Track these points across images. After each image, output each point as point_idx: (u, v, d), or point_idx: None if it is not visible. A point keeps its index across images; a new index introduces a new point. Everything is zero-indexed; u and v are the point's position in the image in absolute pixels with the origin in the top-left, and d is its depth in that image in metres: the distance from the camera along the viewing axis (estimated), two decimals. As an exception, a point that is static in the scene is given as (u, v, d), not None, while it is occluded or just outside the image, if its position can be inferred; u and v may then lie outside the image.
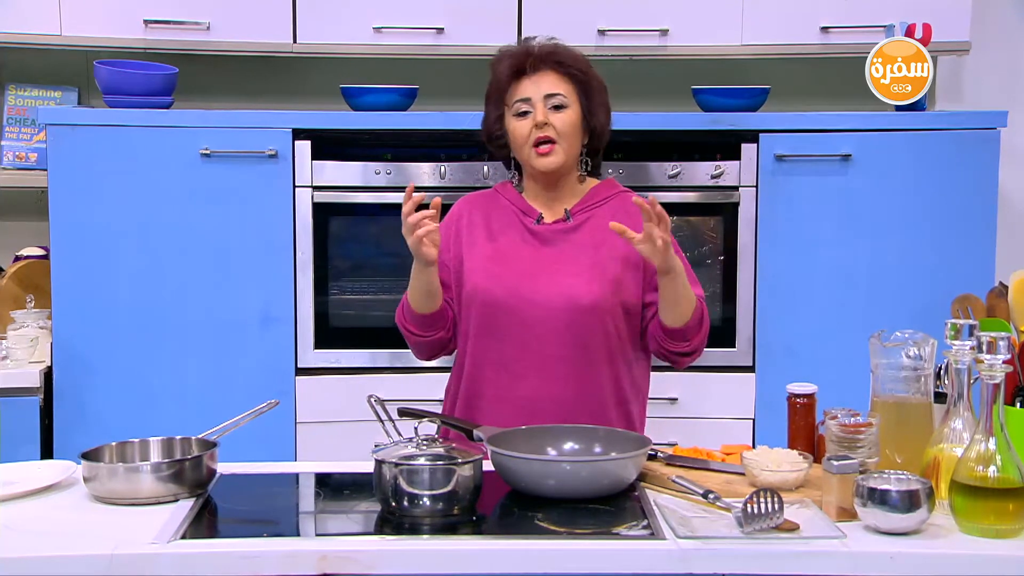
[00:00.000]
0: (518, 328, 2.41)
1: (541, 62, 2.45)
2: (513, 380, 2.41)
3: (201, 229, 3.33)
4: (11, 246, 3.69)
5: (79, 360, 3.31)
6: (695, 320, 2.38)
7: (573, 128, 2.44)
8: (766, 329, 3.44)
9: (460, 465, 1.95)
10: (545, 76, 2.45)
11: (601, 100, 2.51)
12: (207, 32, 3.47)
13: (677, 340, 2.40)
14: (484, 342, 2.44)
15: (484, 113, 2.55)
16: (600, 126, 2.50)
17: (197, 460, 2.05)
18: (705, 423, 3.44)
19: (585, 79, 2.48)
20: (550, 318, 2.39)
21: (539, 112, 2.41)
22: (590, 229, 2.47)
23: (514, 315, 2.41)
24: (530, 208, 2.51)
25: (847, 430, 1.98)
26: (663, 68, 3.73)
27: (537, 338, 2.40)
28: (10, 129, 3.72)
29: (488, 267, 2.44)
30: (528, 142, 2.43)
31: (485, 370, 2.44)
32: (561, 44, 2.52)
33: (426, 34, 3.51)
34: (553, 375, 2.40)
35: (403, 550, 1.81)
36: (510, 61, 2.47)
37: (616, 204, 2.50)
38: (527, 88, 2.44)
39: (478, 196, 2.61)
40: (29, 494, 2.04)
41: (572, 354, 2.40)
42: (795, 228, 3.41)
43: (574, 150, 2.47)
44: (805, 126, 3.40)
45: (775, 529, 1.80)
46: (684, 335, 2.39)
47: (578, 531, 1.86)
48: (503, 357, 2.42)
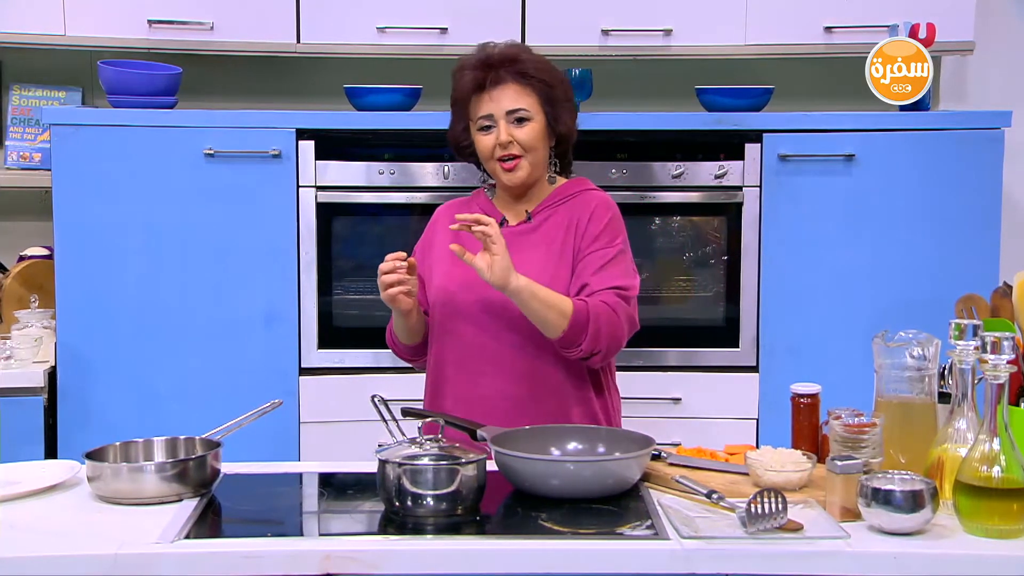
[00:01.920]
0: (474, 329, 2.42)
1: (502, 73, 2.42)
2: (471, 379, 2.42)
3: (205, 229, 3.33)
4: (15, 246, 3.69)
5: (83, 360, 3.31)
6: (575, 326, 2.31)
7: (538, 140, 2.44)
8: (770, 329, 3.44)
9: (464, 465, 1.95)
10: (506, 90, 2.42)
11: (565, 104, 2.49)
12: (211, 32, 3.47)
13: (566, 348, 2.36)
14: (444, 343, 2.46)
15: (450, 121, 2.54)
16: (566, 129, 2.50)
17: (201, 460, 2.05)
18: (709, 423, 3.44)
19: (548, 87, 2.45)
20: (503, 318, 2.39)
21: (502, 131, 2.40)
22: (548, 228, 2.47)
23: (470, 316, 2.42)
24: (495, 213, 2.51)
25: (851, 430, 1.97)
26: (667, 68, 3.73)
27: (493, 338, 2.41)
28: (14, 129, 3.72)
29: (449, 270, 2.46)
30: (493, 157, 2.43)
31: (446, 370, 2.46)
32: (523, 49, 2.49)
33: (430, 34, 3.51)
34: (510, 374, 2.40)
35: (407, 550, 1.81)
36: (471, 75, 2.44)
37: (576, 202, 2.49)
38: (488, 105, 2.42)
39: (455, 203, 2.62)
40: (33, 494, 2.04)
41: (527, 353, 2.40)
42: (799, 228, 3.41)
43: (540, 159, 2.47)
44: (809, 126, 3.40)
45: (779, 529, 1.80)
46: (568, 343, 2.34)
47: (582, 531, 1.86)
48: (461, 357, 2.43)
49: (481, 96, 2.43)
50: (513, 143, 2.41)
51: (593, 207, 2.46)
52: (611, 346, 2.37)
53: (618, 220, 2.49)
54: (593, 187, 2.57)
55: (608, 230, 2.44)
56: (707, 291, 3.50)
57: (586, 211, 2.46)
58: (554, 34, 3.54)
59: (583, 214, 2.45)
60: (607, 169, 3.43)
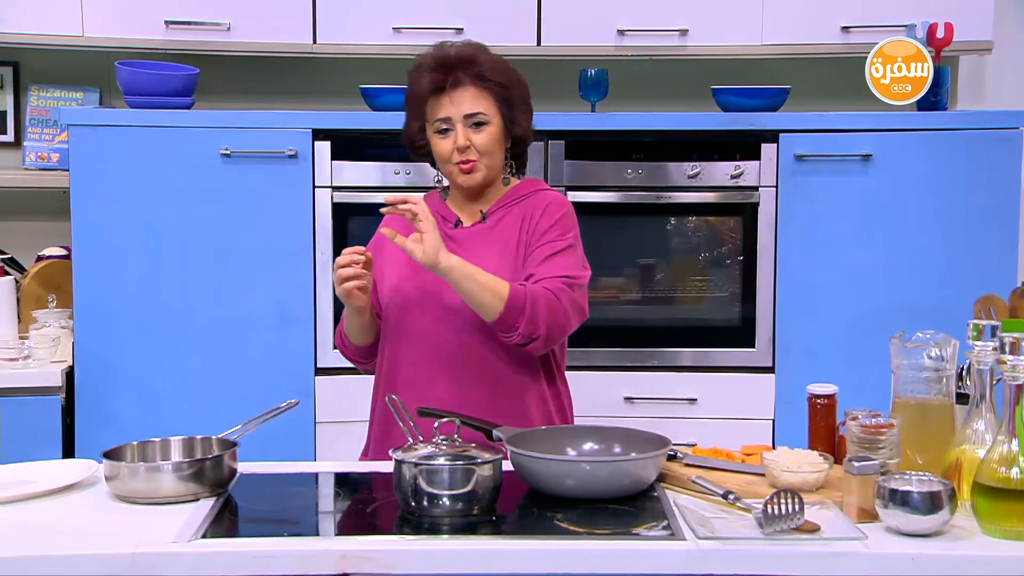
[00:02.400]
0: (429, 329, 2.40)
1: (461, 75, 2.40)
2: (427, 380, 2.40)
3: (221, 229, 3.34)
4: (33, 246, 3.71)
5: (100, 359, 3.33)
6: (511, 308, 2.29)
7: (495, 144, 2.43)
8: (786, 329, 3.43)
9: (480, 465, 1.95)
10: (464, 93, 2.40)
11: (523, 107, 2.48)
12: (227, 33, 3.48)
13: (504, 332, 2.33)
14: (399, 346, 2.44)
15: (405, 119, 2.51)
16: (522, 131, 2.48)
17: (218, 460, 2.06)
18: (724, 424, 3.44)
19: (505, 90, 2.44)
20: (459, 318, 2.38)
21: (460, 135, 2.39)
22: (502, 228, 2.46)
23: (425, 317, 2.40)
24: (450, 213, 2.50)
25: (868, 431, 1.97)
26: (682, 68, 3.73)
27: (448, 339, 2.39)
28: (32, 130, 3.74)
29: (401, 271, 2.44)
30: (450, 160, 2.42)
31: (400, 371, 2.43)
32: (481, 50, 2.46)
33: (445, 34, 3.50)
34: (465, 374, 2.38)
35: (423, 550, 1.81)
36: (429, 76, 2.42)
37: (530, 201, 2.48)
38: (446, 107, 2.40)
39: None
40: (51, 493, 2.05)
41: (485, 354, 2.39)
42: (815, 228, 3.40)
43: (497, 162, 2.46)
44: (825, 126, 3.39)
45: (795, 530, 1.79)
46: (505, 325, 2.31)
47: (597, 531, 1.86)
48: (416, 359, 2.41)
49: (440, 99, 2.41)
50: (471, 148, 2.40)
51: (546, 204, 2.45)
52: (551, 331, 2.33)
53: (571, 217, 2.48)
54: (547, 187, 2.56)
55: (559, 225, 2.43)
56: (723, 291, 3.50)
57: (539, 208, 2.45)
58: (570, 34, 3.54)
59: (535, 211, 2.45)
60: (623, 169, 3.42)
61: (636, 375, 3.47)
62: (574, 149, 3.43)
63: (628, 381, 3.46)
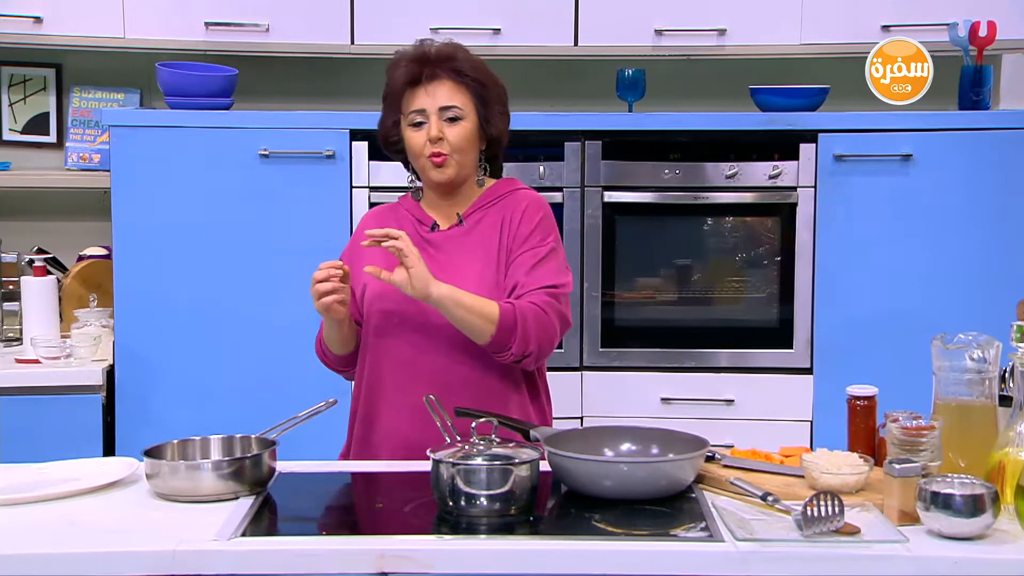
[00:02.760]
0: (412, 333, 2.39)
1: (438, 70, 2.39)
2: (409, 388, 2.38)
3: (259, 229, 3.36)
4: (75, 246, 3.75)
5: (140, 358, 3.36)
6: (502, 329, 2.29)
7: (468, 141, 2.41)
8: (824, 330, 3.41)
9: (517, 465, 1.94)
10: (441, 86, 2.39)
11: (499, 107, 2.46)
12: (266, 34, 3.50)
13: (497, 353, 2.33)
14: (381, 351, 2.42)
15: (380, 114, 2.50)
16: (497, 133, 2.46)
17: (257, 458, 2.07)
18: (762, 425, 3.42)
19: (482, 88, 2.42)
20: (444, 323, 2.35)
21: (433, 127, 2.38)
22: (481, 230, 2.44)
23: (407, 321, 2.39)
24: (425, 216, 2.48)
25: (909, 433, 1.95)
26: (720, 68, 3.71)
27: (432, 345, 2.38)
28: (74, 130, 3.78)
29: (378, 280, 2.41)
30: (423, 153, 2.40)
31: (383, 379, 2.42)
32: (460, 48, 2.46)
33: (482, 35, 3.52)
34: (449, 381, 2.36)
35: (460, 550, 1.82)
36: (406, 68, 2.41)
37: (507, 202, 2.47)
38: (422, 99, 2.39)
39: (379, 210, 2.59)
40: (93, 491, 2.07)
41: (468, 358, 2.37)
42: (854, 228, 3.38)
43: (470, 160, 2.44)
44: (865, 126, 3.37)
45: (835, 532, 1.78)
46: (498, 346, 2.31)
47: (635, 532, 1.86)
48: (400, 363, 2.40)
49: (416, 90, 2.40)
50: (444, 141, 2.38)
51: (524, 206, 2.43)
52: (543, 347, 2.35)
53: (550, 219, 2.47)
54: (523, 187, 2.54)
55: (539, 229, 2.42)
56: (760, 292, 3.48)
57: (517, 210, 2.43)
58: (607, 34, 3.53)
59: (514, 213, 2.43)
60: (660, 169, 3.42)
61: (673, 376, 3.46)
62: (611, 149, 3.42)
63: (665, 382, 3.45)
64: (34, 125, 3.82)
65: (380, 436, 2.40)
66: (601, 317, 3.45)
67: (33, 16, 3.44)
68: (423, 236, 2.45)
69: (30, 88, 3.81)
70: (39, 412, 3.25)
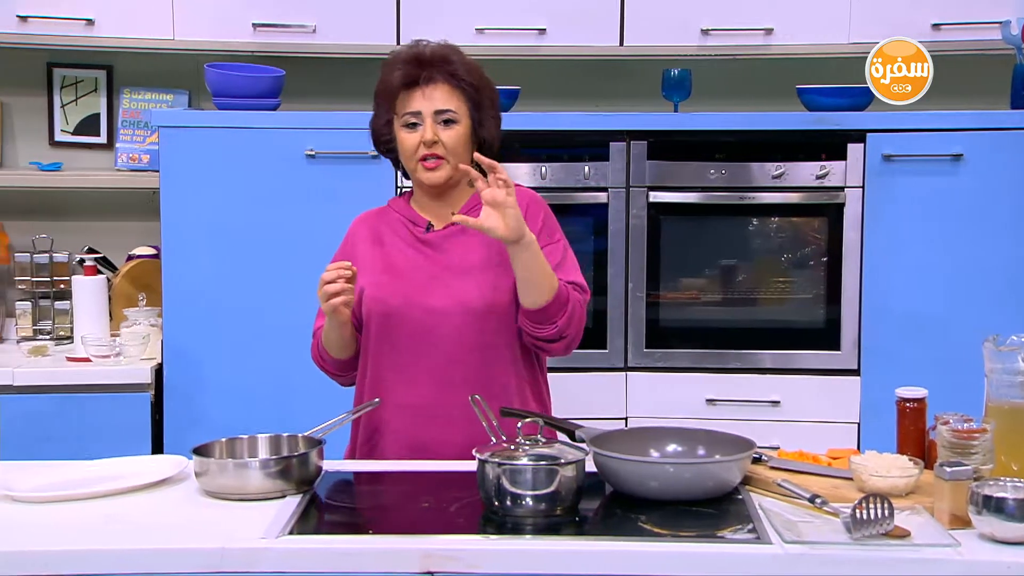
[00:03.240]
0: (415, 336, 2.38)
1: (434, 73, 2.39)
2: (412, 387, 2.38)
3: (306, 229, 3.38)
4: (124, 246, 3.79)
5: (188, 357, 3.39)
6: (557, 301, 2.29)
7: (462, 144, 2.40)
8: (872, 332, 3.38)
9: (563, 466, 1.94)
10: (437, 89, 2.39)
11: (492, 112, 2.46)
12: (313, 35, 3.52)
13: (541, 323, 2.32)
14: (383, 353, 2.41)
15: (373, 112, 2.50)
16: (490, 137, 2.46)
17: (304, 457, 2.08)
18: (808, 427, 3.40)
19: (477, 92, 2.42)
20: (446, 323, 2.36)
21: (428, 129, 2.37)
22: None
23: (410, 324, 2.38)
24: (419, 218, 2.48)
25: (960, 436, 1.93)
26: (767, 67, 3.69)
27: (434, 345, 2.37)
28: (124, 131, 3.82)
29: (380, 279, 2.41)
30: (415, 155, 2.39)
31: (385, 380, 2.41)
32: (455, 51, 2.45)
33: (528, 35, 3.52)
34: (452, 380, 2.36)
35: (506, 549, 1.82)
36: (403, 70, 2.40)
37: None
38: (418, 101, 2.39)
39: (369, 214, 2.58)
40: (142, 488, 2.08)
41: (471, 358, 2.37)
42: (903, 229, 3.34)
43: (461, 162, 2.42)
44: (914, 125, 3.33)
45: (885, 536, 1.76)
46: (546, 316, 2.31)
47: (682, 533, 1.85)
48: (402, 366, 2.39)
49: (412, 92, 2.40)
50: (438, 143, 2.38)
51: (525, 205, 2.39)
52: (576, 336, 2.37)
53: (552, 215, 2.47)
54: (516, 184, 2.52)
55: (546, 228, 2.42)
56: (807, 293, 3.46)
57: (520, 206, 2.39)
58: (653, 34, 3.52)
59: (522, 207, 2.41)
60: (705, 170, 3.40)
61: (718, 377, 3.44)
62: (657, 149, 3.41)
63: (710, 383, 3.44)
64: (85, 126, 3.87)
65: (385, 437, 2.41)
66: (646, 318, 3.44)
67: (85, 19, 3.48)
68: (418, 237, 2.45)
69: (82, 90, 3.85)
70: (89, 410, 3.29)
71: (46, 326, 3.71)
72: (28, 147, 3.87)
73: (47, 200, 3.86)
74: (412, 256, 2.44)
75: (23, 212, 3.86)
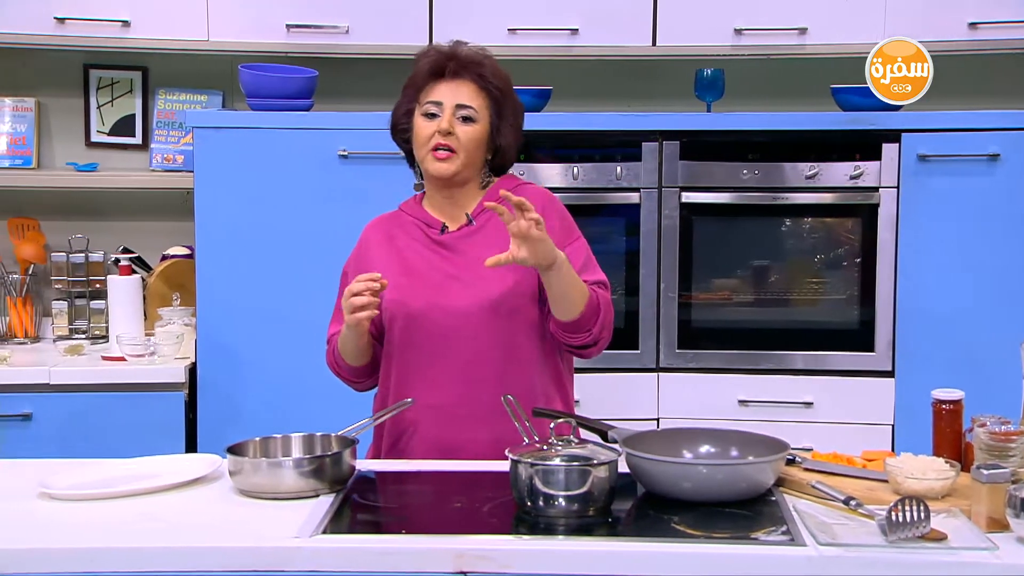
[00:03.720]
0: (438, 338, 2.37)
1: (463, 69, 2.40)
2: (437, 388, 2.37)
3: (338, 229, 3.37)
4: (159, 246, 3.81)
5: (222, 356, 3.40)
6: (590, 309, 2.31)
7: (476, 143, 2.40)
8: (907, 333, 3.35)
9: (595, 466, 1.94)
10: (463, 85, 2.40)
11: (512, 121, 2.46)
12: (346, 35, 3.54)
13: (575, 332, 2.33)
14: (407, 356, 2.41)
15: (397, 102, 2.51)
16: (506, 145, 2.45)
17: (337, 457, 2.08)
18: (841, 428, 3.38)
19: (501, 97, 2.42)
20: (467, 324, 2.36)
21: (446, 119, 2.37)
22: (493, 228, 2.42)
23: (432, 325, 2.37)
24: (432, 220, 2.47)
25: (997, 438, 1.91)
26: (801, 67, 3.67)
27: (457, 345, 2.37)
28: (159, 132, 3.85)
29: (399, 282, 2.40)
30: (428, 144, 2.39)
31: (410, 381, 2.40)
32: (490, 59, 2.45)
33: (560, 35, 3.52)
34: (476, 379, 2.35)
35: (538, 550, 1.82)
36: (433, 59, 2.42)
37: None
38: (442, 91, 2.40)
39: (381, 219, 2.57)
40: (177, 487, 2.10)
41: (494, 357, 2.36)
42: (938, 230, 3.32)
43: (473, 162, 2.42)
44: (950, 125, 3.31)
45: (921, 538, 1.75)
46: (580, 326, 2.32)
47: (715, 535, 1.84)
48: (426, 367, 2.38)
49: (437, 83, 2.41)
50: (453, 135, 2.38)
51: (541, 206, 2.36)
52: (608, 337, 2.38)
53: (568, 214, 2.47)
54: (524, 181, 2.55)
55: (564, 227, 2.42)
56: (840, 293, 3.44)
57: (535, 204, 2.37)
58: (686, 34, 3.51)
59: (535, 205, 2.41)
60: (738, 170, 3.39)
61: (750, 378, 3.43)
62: (689, 149, 3.40)
63: (742, 383, 3.42)
64: (121, 127, 3.89)
65: (412, 438, 2.41)
66: (678, 318, 3.43)
67: (121, 20, 3.50)
68: (433, 239, 2.46)
69: (117, 91, 3.88)
70: (124, 409, 3.32)
71: (82, 325, 3.75)
72: (65, 148, 3.90)
73: (83, 200, 3.89)
74: (429, 258, 2.44)
75: (60, 212, 3.89)
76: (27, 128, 3.83)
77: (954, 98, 3.60)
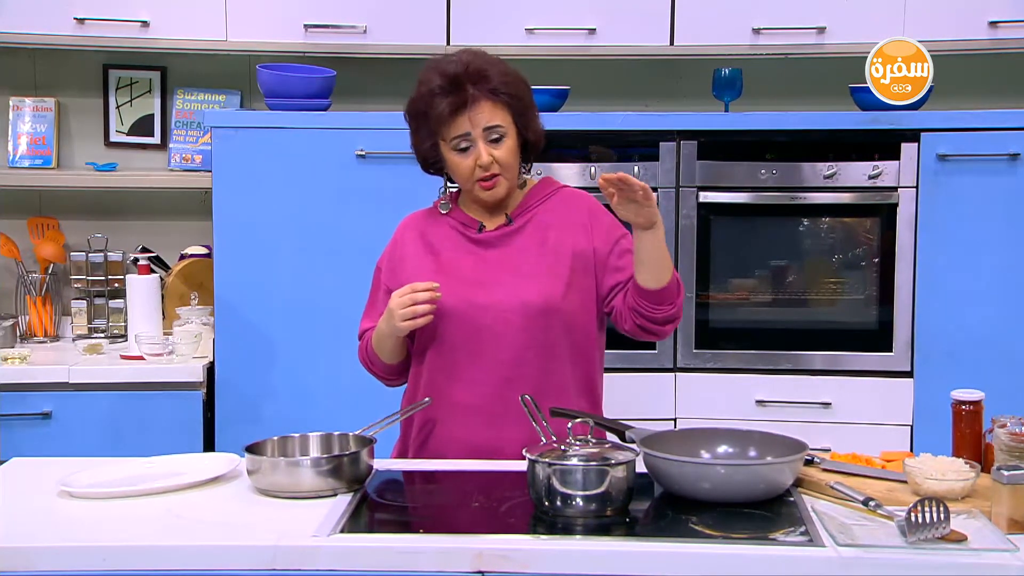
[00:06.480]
0: (472, 337, 2.37)
1: (475, 92, 2.36)
2: (471, 387, 2.37)
3: (356, 228, 3.39)
4: (177, 245, 3.83)
5: (240, 355, 3.41)
6: (675, 280, 2.33)
7: (513, 154, 2.40)
8: (926, 333, 3.34)
9: (613, 466, 1.94)
10: (481, 109, 2.36)
11: (532, 111, 2.45)
12: (364, 35, 3.54)
13: (660, 304, 2.32)
14: (440, 355, 2.40)
15: (413, 134, 2.47)
16: (535, 137, 2.45)
17: (355, 456, 2.09)
18: (859, 429, 3.37)
19: (518, 101, 2.40)
20: (504, 323, 2.35)
21: (483, 153, 2.35)
22: (532, 229, 2.43)
23: (467, 324, 2.37)
24: (470, 219, 2.47)
25: (1018, 439, 1.91)
26: (819, 66, 3.65)
27: (492, 345, 2.36)
28: (177, 132, 3.86)
29: (435, 280, 2.38)
30: (472, 178, 2.38)
31: (442, 380, 2.40)
32: (487, 61, 2.41)
33: (578, 35, 3.51)
34: (511, 379, 2.35)
35: (557, 550, 1.82)
36: (446, 100, 2.36)
37: (556, 200, 2.47)
38: (464, 124, 2.36)
39: (416, 216, 2.57)
40: (195, 485, 2.11)
41: (530, 357, 2.36)
42: (958, 230, 3.30)
43: (516, 173, 2.43)
44: (970, 124, 3.29)
45: (941, 539, 1.74)
46: (664, 297, 2.31)
47: (734, 535, 1.84)
48: (460, 368, 2.38)
49: (457, 118, 2.37)
50: (493, 163, 2.37)
51: (586, 206, 2.44)
52: (680, 318, 2.40)
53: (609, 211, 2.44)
54: (563, 184, 2.55)
55: (614, 223, 2.42)
56: (858, 294, 3.42)
57: (579, 208, 2.43)
58: (704, 33, 3.51)
59: (576, 212, 2.44)
60: (756, 170, 3.38)
61: (768, 378, 3.42)
62: (707, 149, 3.39)
63: (760, 384, 3.42)
64: (140, 127, 3.91)
65: (442, 437, 2.41)
66: (696, 318, 3.42)
67: (140, 20, 3.52)
68: (471, 238, 2.46)
69: (136, 91, 3.90)
70: (142, 407, 3.33)
71: (101, 324, 3.76)
72: (84, 148, 3.92)
73: (102, 200, 3.91)
74: (466, 256, 2.44)
75: (79, 212, 3.91)
76: (47, 128, 3.85)
77: (974, 97, 3.59)
